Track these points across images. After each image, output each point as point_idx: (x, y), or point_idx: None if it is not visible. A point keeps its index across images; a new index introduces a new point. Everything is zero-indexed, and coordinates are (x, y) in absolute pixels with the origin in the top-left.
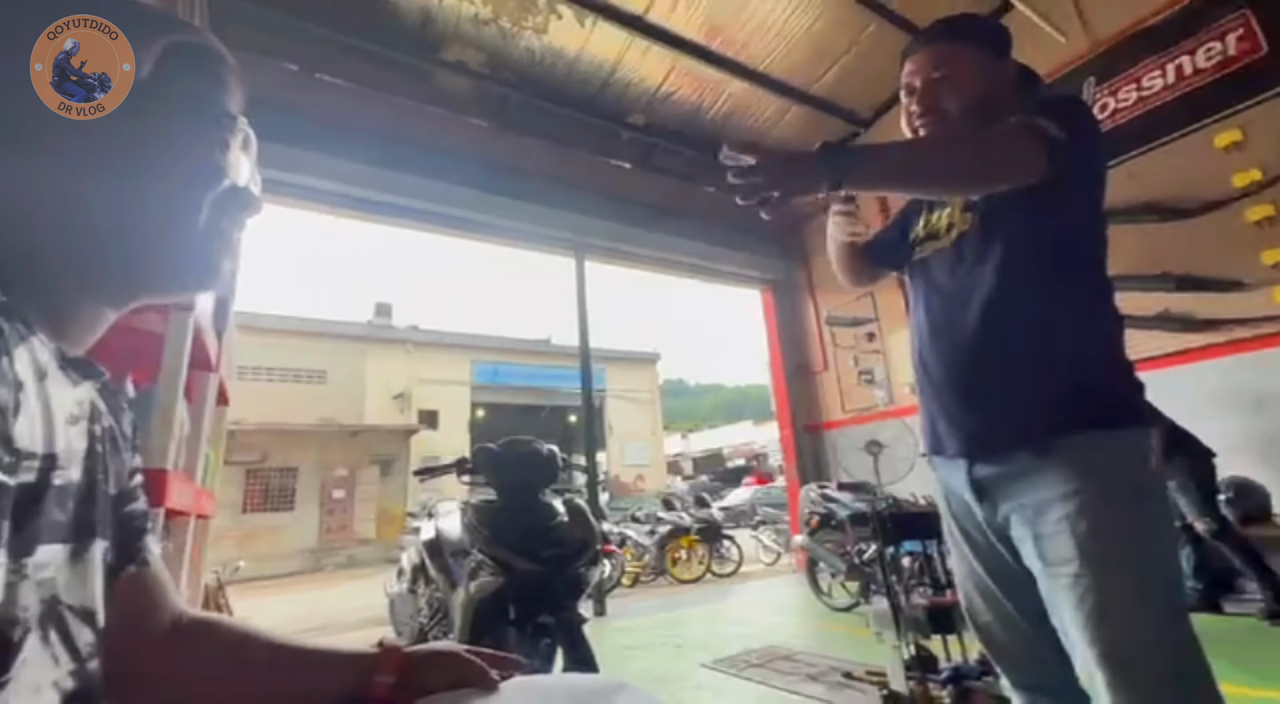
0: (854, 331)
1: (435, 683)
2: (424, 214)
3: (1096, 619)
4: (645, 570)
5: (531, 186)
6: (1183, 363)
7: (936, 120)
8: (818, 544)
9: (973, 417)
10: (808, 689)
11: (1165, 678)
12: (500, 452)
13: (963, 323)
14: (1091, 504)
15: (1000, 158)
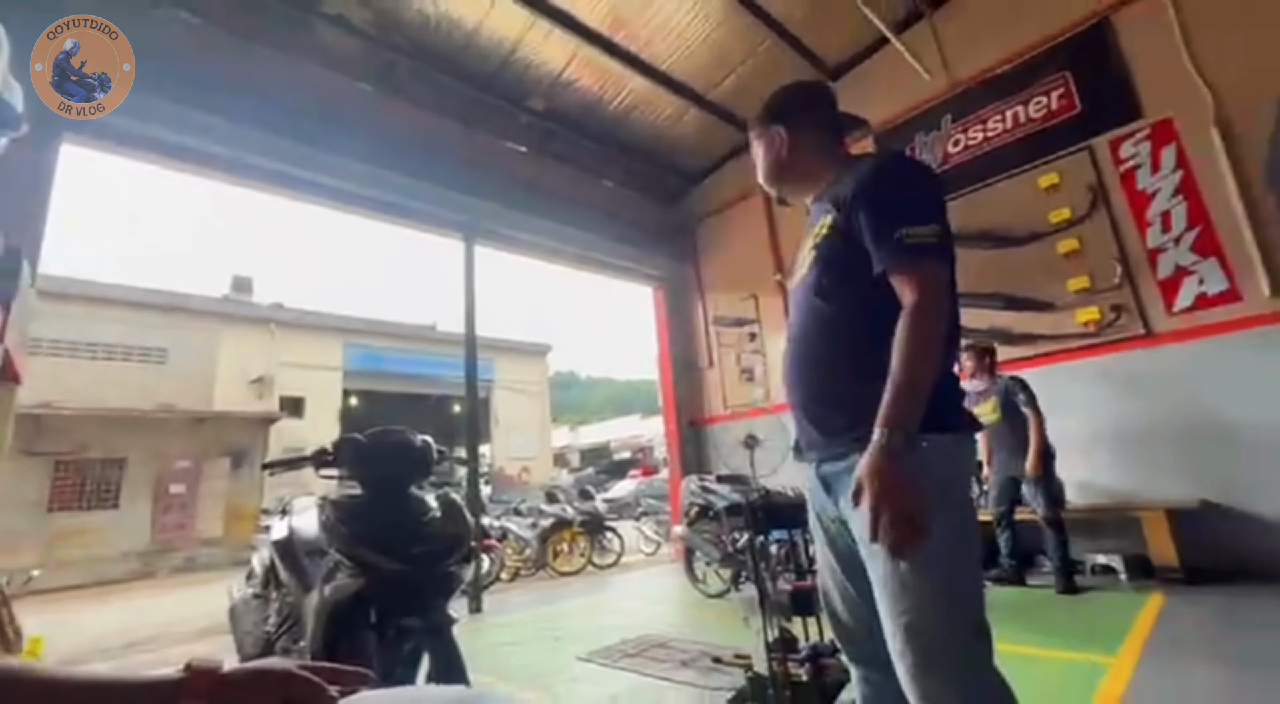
0: (737, 332)
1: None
2: (297, 182)
3: (897, 591)
4: (526, 564)
5: (421, 162)
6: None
7: (765, 184)
8: (695, 534)
9: (814, 424)
10: (680, 675)
11: (949, 646)
12: (366, 442)
13: (802, 349)
14: None
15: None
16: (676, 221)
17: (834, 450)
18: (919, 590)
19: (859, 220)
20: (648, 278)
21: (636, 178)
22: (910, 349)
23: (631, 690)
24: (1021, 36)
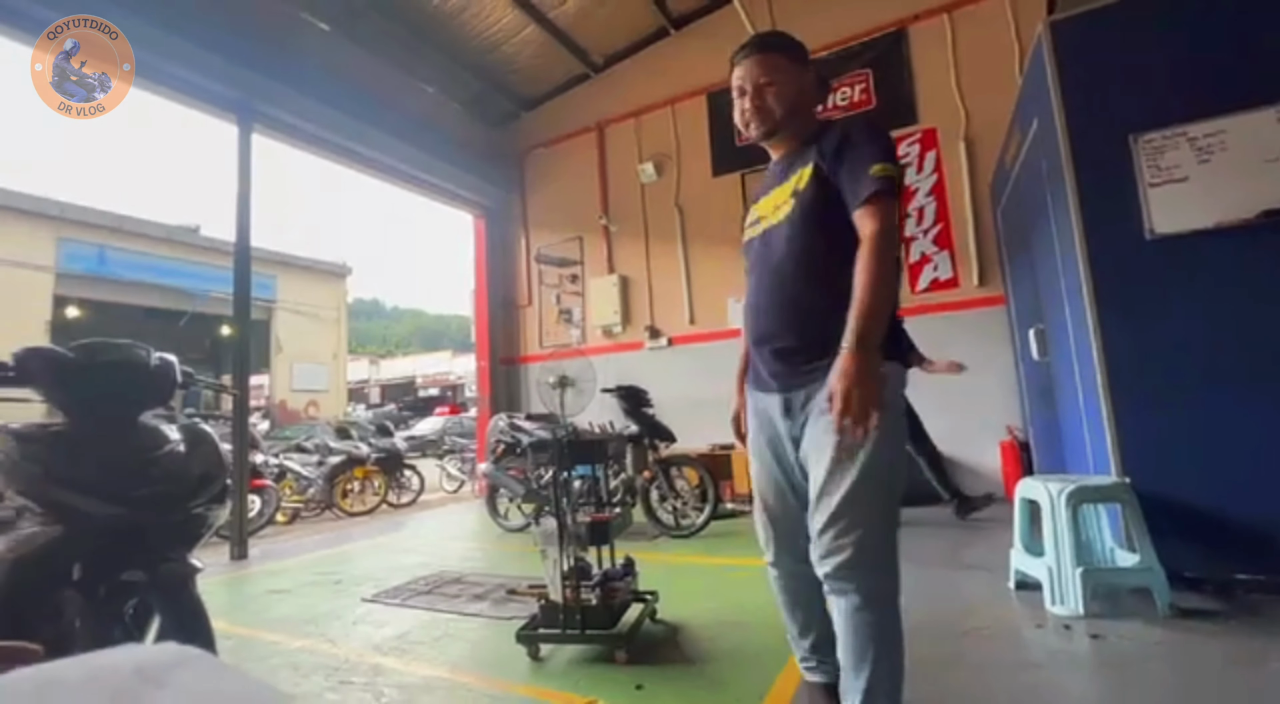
0: (560, 272)
1: None
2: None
3: (847, 492)
4: (309, 505)
5: (185, 13)
6: None
7: (764, 118)
8: (501, 471)
9: (782, 358)
10: (472, 608)
11: (882, 541)
12: (74, 357)
13: (779, 291)
14: None
15: (893, 246)
16: (504, 148)
17: (805, 376)
18: (866, 495)
19: (841, 163)
20: (468, 204)
21: (462, 91)
22: (872, 273)
23: (420, 627)
24: (844, 25)
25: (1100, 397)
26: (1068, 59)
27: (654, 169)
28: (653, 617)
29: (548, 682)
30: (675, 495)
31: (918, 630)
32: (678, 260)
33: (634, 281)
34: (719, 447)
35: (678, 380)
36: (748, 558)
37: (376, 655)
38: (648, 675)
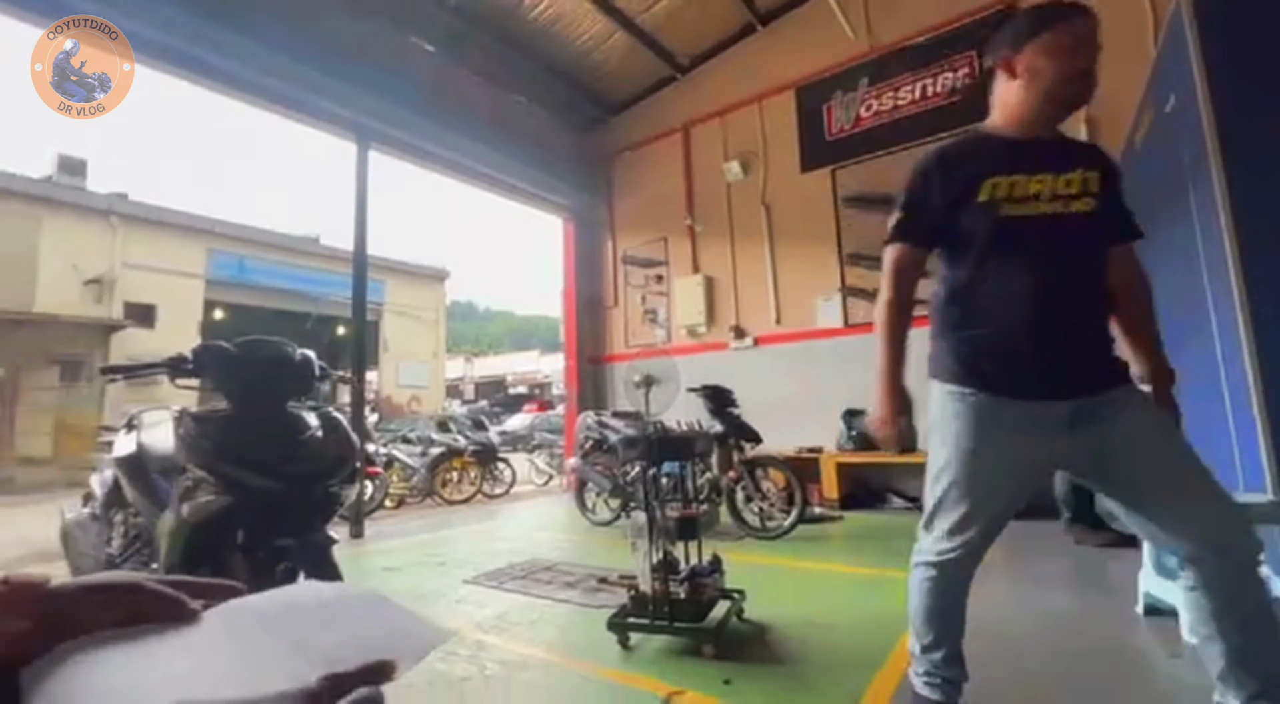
0: (645, 272)
1: (98, 623)
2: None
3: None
4: (413, 492)
5: (312, 45)
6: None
7: (1091, 87)
8: (589, 466)
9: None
10: (564, 595)
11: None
12: (236, 352)
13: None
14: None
15: None
16: (592, 153)
17: (1107, 385)
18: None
19: (1117, 190)
20: (558, 208)
21: (553, 99)
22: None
23: (516, 609)
24: (942, 10)
25: (1253, 405)
26: (1212, 29)
27: (740, 167)
28: (739, 615)
29: (636, 669)
30: (761, 497)
31: (1032, 650)
32: (763, 259)
33: (719, 281)
34: (806, 449)
35: (763, 381)
36: (836, 564)
37: (479, 632)
38: (735, 671)
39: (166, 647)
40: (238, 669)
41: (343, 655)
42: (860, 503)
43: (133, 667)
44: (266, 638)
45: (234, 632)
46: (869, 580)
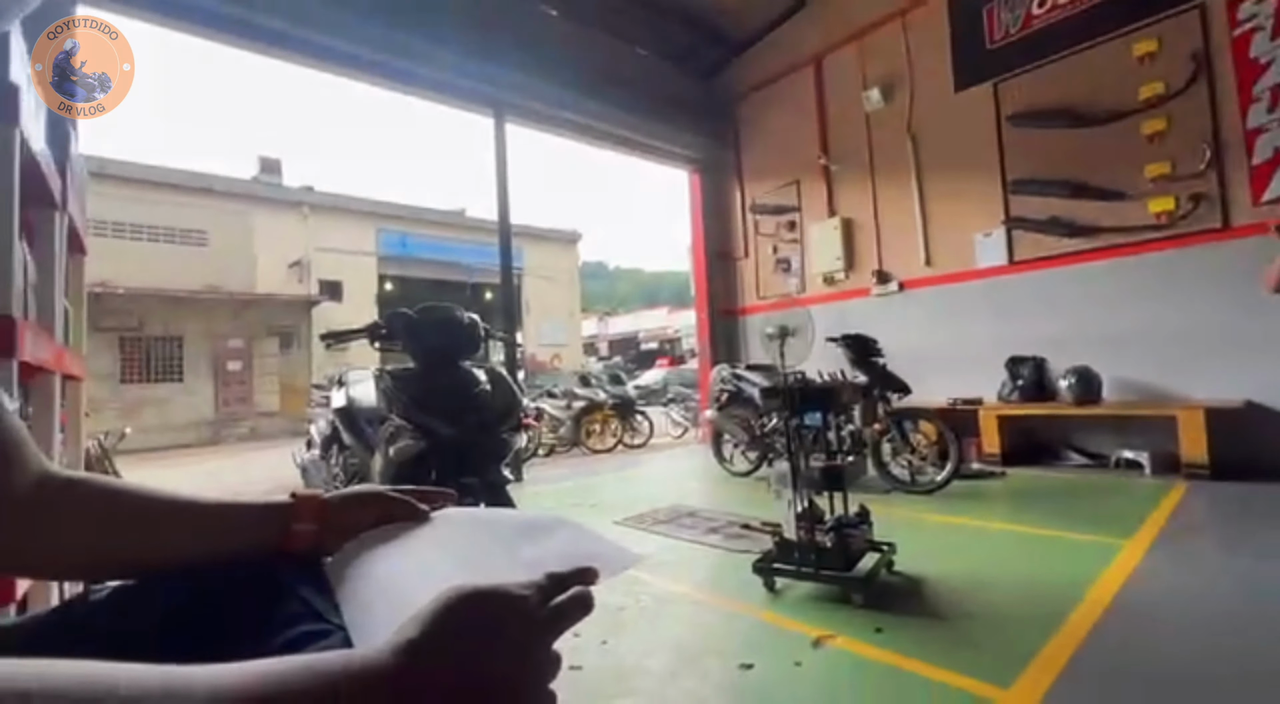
0: (776, 220)
1: (361, 523)
2: (318, 48)
3: None
4: (561, 442)
5: (446, 26)
6: (1061, 264)
7: None
8: (725, 418)
9: None
10: (709, 539)
11: None
12: (417, 318)
13: None
14: None
15: None
16: (717, 98)
17: None
18: None
19: None
20: (684, 160)
21: (674, 47)
22: None
23: (663, 550)
24: None
25: None
26: None
27: (880, 95)
28: (889, 567)
29: (783, 611)
30: (910, 450)
31: None
32: (910, 195)
33: (859, 224)
34: (961, 401)
35: (911, 329)
36: (996, 522)
37: (631, 570)
38: (886, 621)
39: (417, 541)
40: (472, 561)
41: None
42: (1026, 458)
43: (403, 556)
44: (485, 540)
45: (459, 533)
46: (1035, 541)
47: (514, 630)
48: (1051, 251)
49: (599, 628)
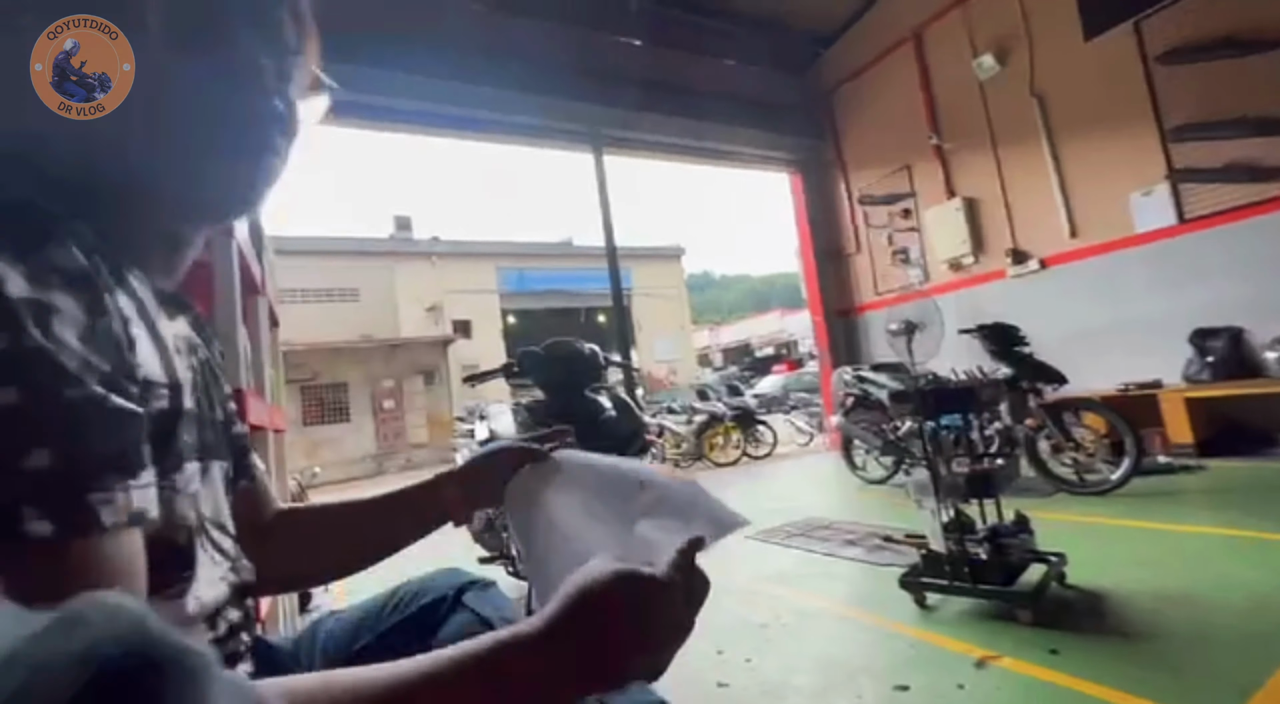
0: (888, 209)
1: (498, 475)
2: (429, 116)
3: None
4: (684, 457)
5: (538, 75)
6: (1250, 216)
7: None
8: (853, 423)
9: None
10: (847, 552)
11: None
12: (544, 354)
13: None
14: None
15: None
16: (810, 94)
17: None
18: None
19: None
20: (782, 163)
21: (760, 52)
22: None
23: (800, 564)
24: None
25: None
26: None
27: (994, 59)
28: (1060, 580)
29: (939, 628)
30: (1075, 446)
31: None
32: (1042, 161)
33: (983, 202)
34: (1135, 386)
35: (1058, 310)
36: (1192, 525)
37: (769, 585)
38: (1062, 642)
39: (553, 487)
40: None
41: (659, 511)
42: (1228, 448)
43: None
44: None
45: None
46: (1248, 546)
47: (645, 612)
48: (1235, 202)
49: (742, 645)
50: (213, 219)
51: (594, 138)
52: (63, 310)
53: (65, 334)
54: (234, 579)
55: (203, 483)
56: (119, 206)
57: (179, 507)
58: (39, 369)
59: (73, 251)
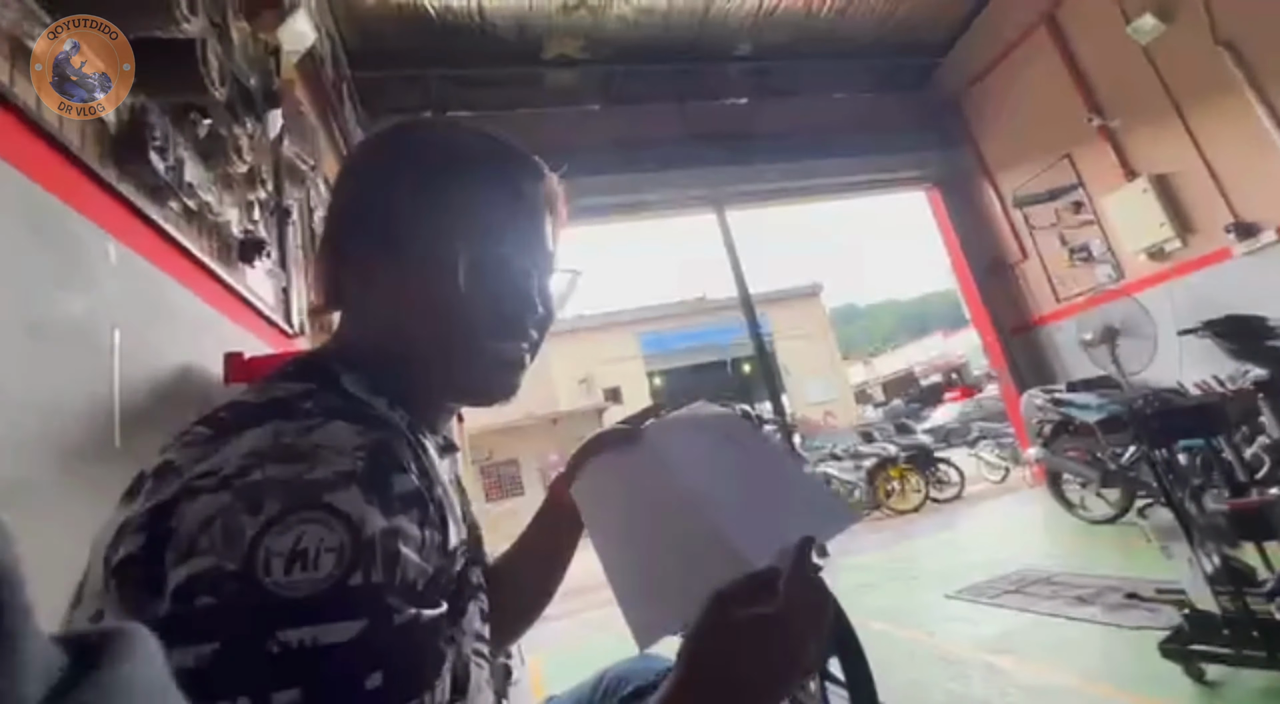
0: (1054, 206)
1: (605, 447)
2: (578, 210)
3: None
4: (857, 506)
5: (655, 153)
6: None
7: None
8: (1057, 454)
9: None
10: (1079, 612)
11: None
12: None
13: None
14: None
15: None
16: (935, 105)
17: None
18: None
19: None
20: (915, 182)
21: (872, 77)
22: None
23: (1024, 628)
24: None
25: None
26: None
27: (1155, 19)
28: None
29: None
30: None
31: None
32: (1251, 116)
33: (1178, 175)
34: None
35: None
36: None
37: (984, 653)
38: None
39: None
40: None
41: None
42: None
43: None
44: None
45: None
46: None
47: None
48: None
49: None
50: (488, 403)
51: (715, 199)
52: (406, 532)
53: (408, 551)
54: (494, 682)
55: (481, 618)
56: (425, 397)
57: (464, 648)
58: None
59: (410, 478)
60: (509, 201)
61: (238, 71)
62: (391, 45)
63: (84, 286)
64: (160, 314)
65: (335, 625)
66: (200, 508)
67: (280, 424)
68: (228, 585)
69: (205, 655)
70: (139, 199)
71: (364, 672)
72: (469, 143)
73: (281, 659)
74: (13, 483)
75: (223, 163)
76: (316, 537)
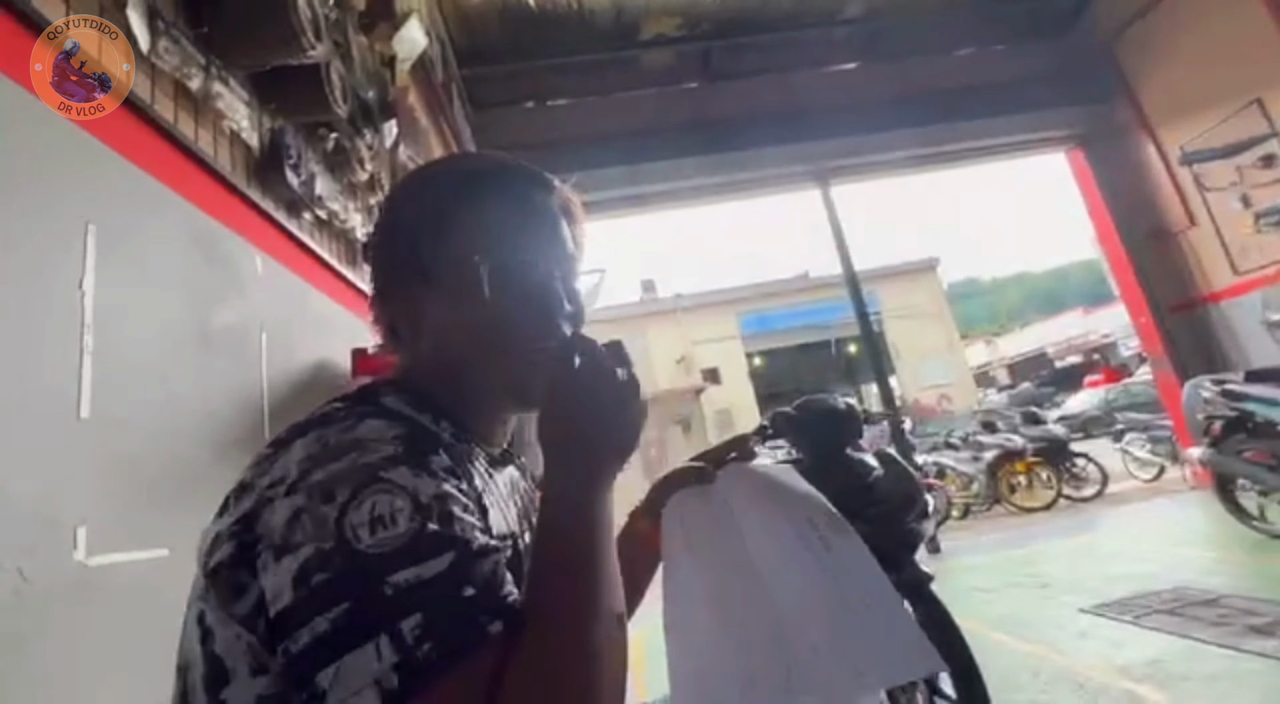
0: (1233, 163)
1: (686, 482)
2: (664, 195)
3: None
4: (976, 500)
5: (756, 130)
6: None
7: None
8: (1229, 456)
9: None
10: (1253, 644)
11: None
12: (797, 415)
13: None
14: None
15: None
16: (1081, 52)
17: None
18: None
19: None
20: (1055, 142)
21: (1002, 28)
22: None
23: (1178, 656)
24: None
25: None
26: None
27: None
28: None
29: None
30: None
31: None
32: None
33: None
34: None
35: None
36: None
37: (1126, 680)
38: None
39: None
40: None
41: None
42: None
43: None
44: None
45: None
46: None
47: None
48: None
49: None
50: (528, 409)
51: (818, 173)
52: (452, 494)
53: (458, 509)
54: None
55: None
56: (474, 407)
57: None
58: (455, 536)
59: (443, 457)
60: (521, 213)
61: (358, 86)
62: (494, 40)
63: (238, 297)
64: (298, 316)
65: (430, 562)
66: (281, 511)
67: (322, 431)
68: (334, 560)
69: (341, 616)
70: (278, 213)
71: (460, 588)
72: (476, 168)
73: (397, 597)
74: (185, 467)
75: (347, 174)
76: (387, 504)
